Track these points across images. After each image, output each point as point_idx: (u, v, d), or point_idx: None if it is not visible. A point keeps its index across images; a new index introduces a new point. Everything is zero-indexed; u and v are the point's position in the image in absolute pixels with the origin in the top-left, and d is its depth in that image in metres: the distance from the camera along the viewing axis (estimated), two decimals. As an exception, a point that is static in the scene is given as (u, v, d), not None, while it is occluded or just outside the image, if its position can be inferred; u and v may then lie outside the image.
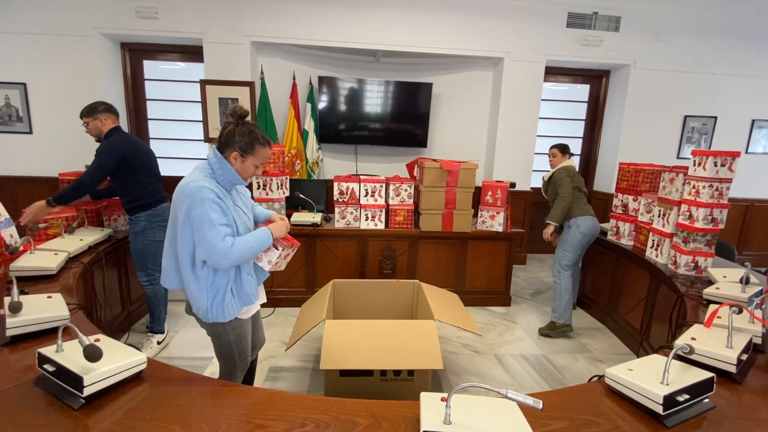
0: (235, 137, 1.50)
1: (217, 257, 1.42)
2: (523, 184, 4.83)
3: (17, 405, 1.09)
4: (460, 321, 2.40)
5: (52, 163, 4.21)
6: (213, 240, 1.41)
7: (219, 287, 1.53)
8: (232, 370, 1.73)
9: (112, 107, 2.60)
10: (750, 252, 5.30)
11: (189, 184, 1.45)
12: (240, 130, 1.50)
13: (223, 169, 1.50)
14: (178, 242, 1.50)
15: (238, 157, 1.51)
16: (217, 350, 1.70)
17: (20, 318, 1.40)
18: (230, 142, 1.50)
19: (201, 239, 1.42)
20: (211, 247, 1.41)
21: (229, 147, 1.51)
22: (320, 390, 2.34)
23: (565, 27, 4.55)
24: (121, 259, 2.94)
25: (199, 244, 1.44)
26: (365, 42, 4.32)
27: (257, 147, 1.52)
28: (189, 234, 1.46)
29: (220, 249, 1.41)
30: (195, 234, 1.44)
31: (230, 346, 1.65)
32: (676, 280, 2.47)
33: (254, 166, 1.56)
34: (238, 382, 1.79)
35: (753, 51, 4.83)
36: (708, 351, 1.34)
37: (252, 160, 1.54)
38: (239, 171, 1.53)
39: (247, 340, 1.71)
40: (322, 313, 2.21)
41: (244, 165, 1.53)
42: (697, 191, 2.53)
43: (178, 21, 4.13)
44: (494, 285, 3.71)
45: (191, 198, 1.41)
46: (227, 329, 1.61)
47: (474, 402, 1.09)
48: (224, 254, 1.42)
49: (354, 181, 3.45)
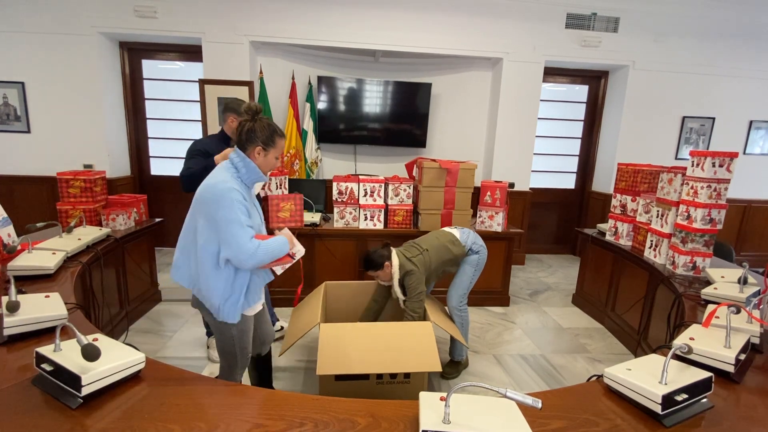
0: (256, 132, 1.54)
1: (245, 257, 1.46)
2: (522, 184, 4.84)
3: (15, 404, 1.09)
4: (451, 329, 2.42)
5: (50, 162, 4.20)
6: (242, 240, 1.45)
7: (235, 288, 1.57)
8: (232, 366, 1.74)
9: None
10: (748, 252, 5.31)
11: (218, 184, 1.47)
12: (259, 125, 1.55)
13: (247, 167, 1.54)
14: (199, 240, 1.51)
15: (261, 151, 1.56)
16: (219, 346, 1.72)
17: (18, 317, 1.39)
18: (251, 137, 1.54)
19: (229, 239, 1.46)
20: (240, 246, 1.45)
21: (252, 143, 1.55)
22: (315, 391, 2.34)
23: (564, 27, 4.56)
24: (120, 258, 2.93)
25: (227, 243, 1.47)
26: (364, 42, 4.32)
27: (277, 139, 1.59)
28: (214, 233, 1.48)
29: (248, 249, 1.46)
30: (222, 234, 1.46)
31: (233, 341, 1.68)
32: (674, 280, 2.48)
33: (275, 158, 1.62)
34: (239, 379, 1.80)
35: (751, 52, 4.84)
36: (706, 351, 1.34)
37: (273, 152, 1.60)
38: (262, 165, 1.58)
39: (249, 336, 1.74)
40: (316, 316, 2.20)
41: (267, 158, 1.58)
42: (696, 192, 2.53)
43: (177, 20, 4.12)
44: (493, 285, 3.71)
45: (222, 199, 1.45)
46: (231, 324, 1.65)
47: (473, 401, 1.09)
48: (252, 254, 1.47)
49: (353, 181, 3.44)
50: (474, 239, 2.58)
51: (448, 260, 2.52)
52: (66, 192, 2.93)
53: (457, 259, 2.55)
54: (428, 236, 2.61)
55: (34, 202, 4.29)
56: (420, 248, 2.48)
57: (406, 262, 2.39)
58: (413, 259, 2.41)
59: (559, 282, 4.50)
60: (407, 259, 2.40)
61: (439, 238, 2.55)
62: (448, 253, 2.50)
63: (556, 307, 3.82)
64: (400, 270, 2.38)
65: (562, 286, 4.35)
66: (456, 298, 2.59)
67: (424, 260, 2.43)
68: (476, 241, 2.58)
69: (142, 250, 3.27)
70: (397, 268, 2.38)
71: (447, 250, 2.50)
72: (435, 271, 2.50)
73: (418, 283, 2.36)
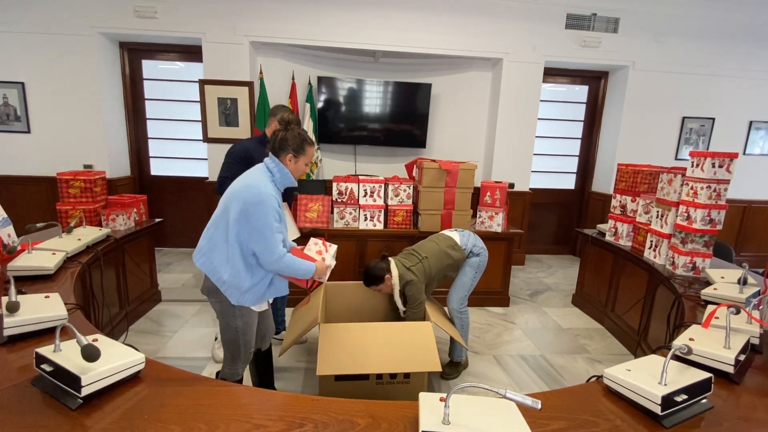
0: (288, 141, 1.69)
1: (271, 259, 1.63)
2: (522, 184, 4.84)
3: (14, 405, 1.09)
4: (451, 330, 2.41)
5: (50, 163, 4.20)
6: (273, 245, 1.62)
7: (258, 280, 1.70)
8: (236, 358, 1.80)
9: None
10: (748, 253, 5.31)
11: (260, 188, 1.60)
12: (291, 135, 1.70)
13: (281, 172, 1.70)
14: (231, 232, 1.62)
15: (292, 158, 1.71)
16: (223, 336, 1.79)
17: (18, 318, 1.39)
18: (284, 146, 1.69)
19: (262, 240, 1.60)
20: (270, 249, 1.61)
21: (284, 150, 1.70)
22: (315, 391, 2.34)
23: (564, 28, 4.56)
24: (120, 258, 2.93)
25: (258, 243, 1.61)
26: (364, 42, 4.32)
27: (306, 147, 1.73)
28: (246, 228, 1.60)
29: (276, 253, 1.63)
30: (256, 234, 1.60)
31: (237, 332, 1.75)
32: (674, 280, 2.48)
33: (305, 164, 1.77)
34: (241, 373, 1.86)
35: (751, 53, 4.85)
36: (706, 351, 1.34)
37: (303, 159, 1.74)
38: (293, 171, 1.73)
39: (252, 329, 1.80)
40: (316, 316, 2.20)
41: (297, 165, 1.73)
42: (695, 192, 2.53)
43: (177, 20, 4.12)
44: (493, 285, 3.70)
45: (262, 204, 1.58)
46: (236, 314, 1.72)
47: (473, 402, 1.09)
48: (278, 260, 1.64)
49: (353, 181, 3.44)
50: (474, 242, 2.57)
51: (448, 266, 2.50)
52: (66, 192, 2.94)
53: (458, 264, 2.54)
54: (427, 242, 2.58)
55: (34, 203, 4.29)
56: (419, 256, 2.46)
57: (405, 272, 2.38)
58: (413, 268, 2.40)
59: (559, 282, 4.50)
60: (407, 269, 2.39)
61: (439, 244, 2.53)
62: (448, 258, 2.48)
63: (556, 308, 3.82)
64: (400, 281, 2.38)
65: (561, 287, 4.35)
66: (456, 301, 2.58)
67: (424, 268, 2.42)
68: (477, 243, 2.57)
69: (142, 251, 3.27)
70: (397, 280, 2.38)
71: (447, 255, 2.48)
72: (435, 277, 2.49)
73: (418, 292, 2.36)
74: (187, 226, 4.89)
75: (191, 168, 4.81)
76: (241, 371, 1.85)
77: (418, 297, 2.35)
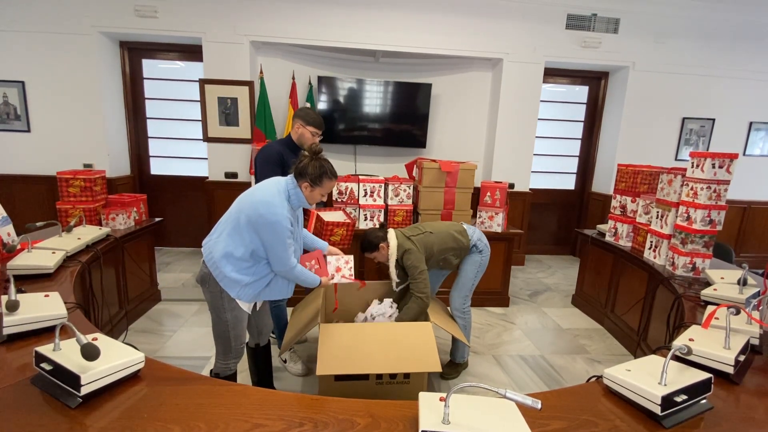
0: (308, 170, 1.73)
1: (283, 268, 1.73)
2: (522, 184, 4.84)
3: (14, 404, 1.09)
4: (452, 329, 2.40)
5: (50, 162, 4.20)
6: (285, 258, 1.72)
7: (259, 278, 1.76)
8: (227, 352, 1.83)
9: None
10: (747, 253, 5.31)
11: (276, 207, 1.66)
12: (313, 164, 1.73)
13: (297, 195, 1.76)
14: (245, 231, 1.68)
15: (308, 187, 1.75)
16: (215, 330, 1.82)
17: (17, 316, 1.39)
18: (304, 173, 1.74)
19: (276, 250, 1.69)
20: (282, 260, 1.71)
21: (303, 177, 1.74)
22: (314, 391, 2.34)
23: (564, 28, 4.56)
24: (119, 257, 2.93)
25: (273, 252, 1.70)
26: (364, 42, 4.32)
27: (325, 180, 1.77)
28: (256, 234, 1.68)
29: (289, 263, 1.73)
30: (268, 247, 1.69)
31: (227, 325, 1.78)
32: (673, 281, 2.48)
33: (320, 195, 1.81)
34: (233, 368, 1.88)
35: (751, 53, 4.85)
36: (706, 352, 1.34)
37: (319, 191, 1.78)
38: (307, 198, 1.79)
39: (243, 325, 1.83)
40: (316, 316, 2.20)
41: (313, 193, 1.78)
42: (695, 193, 2.53)
43: (178, 20, 4.12)
44: (492, 285, 3.70)
45: (276, 224, 1.65)
46: (226, 307, 1.75)
47: (472, 402, 1.09)
48: (289, 269, 1.74)
49: (353, 181, 3.44)
50: (480, 236, 2.56)
51: (451, 249, 2.46)
52: (66, 191, 2.94)
53: (461, 251, 2.50)
54: (437, 222, 2.59)
55: (33, 202, 4.29)
56: (423, 229, 2.45)
57: (405, 240, 2.36)
58: (413, 237, 2.38)
59: (559, 283, 4.50)
60: (406, 238, 2.37)
61: (447, 226, 2.53)
62: (452, 241, 2.45)
63: (556, 308, 3.82)
64: (398, 250, 2.35)
65: (561, 287, 4.35)
66: (459, 300, 2.57)
67: (425, 240, 2.39)
68: (481, 239, 2.55)
69: (141, 250, 3.27)
70: (395, 249, 2.35)
71: (453, 238, 2.46)
72: (436, 255, 2.43)
73: (418, 261, 2.30)
74: (187, 225, 4.89)
75: (191, 167, 4.81)
76: (233, 366, 1.87)
77: (417, 266, 2.29)
